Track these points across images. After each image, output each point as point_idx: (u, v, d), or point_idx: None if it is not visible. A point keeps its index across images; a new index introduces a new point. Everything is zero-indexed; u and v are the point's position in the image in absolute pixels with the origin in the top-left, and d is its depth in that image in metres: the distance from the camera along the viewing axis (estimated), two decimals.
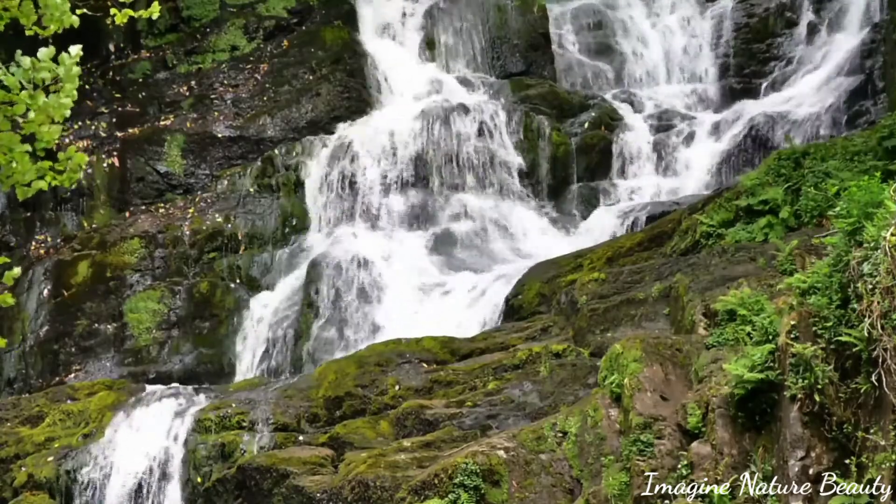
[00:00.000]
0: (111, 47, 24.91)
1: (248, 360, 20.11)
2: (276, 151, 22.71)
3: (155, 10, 9.82)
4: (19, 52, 9.06)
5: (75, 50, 9.05)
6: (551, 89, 24.13)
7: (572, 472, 13.04)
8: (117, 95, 24.20)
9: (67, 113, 9.19)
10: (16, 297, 18.84)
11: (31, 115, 9.07)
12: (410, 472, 13.53)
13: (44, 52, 8.99)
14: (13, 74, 8.90)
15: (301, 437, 15.65)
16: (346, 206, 21.95)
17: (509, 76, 24.75)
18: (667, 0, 26.81)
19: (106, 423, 16.39)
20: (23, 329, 20.62)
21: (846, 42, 23.55)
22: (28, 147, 9.29)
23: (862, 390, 10.73)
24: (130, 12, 9.78)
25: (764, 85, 24.25)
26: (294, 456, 14.87)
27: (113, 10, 9.79)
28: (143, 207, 22.53)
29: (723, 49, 25.20)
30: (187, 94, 24.14)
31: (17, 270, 10.05)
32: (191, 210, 22.07)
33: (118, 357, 20.27)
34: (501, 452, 13.07)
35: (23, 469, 16.03)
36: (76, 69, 9.06)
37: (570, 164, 22.87)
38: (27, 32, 9.45)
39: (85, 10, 9.72)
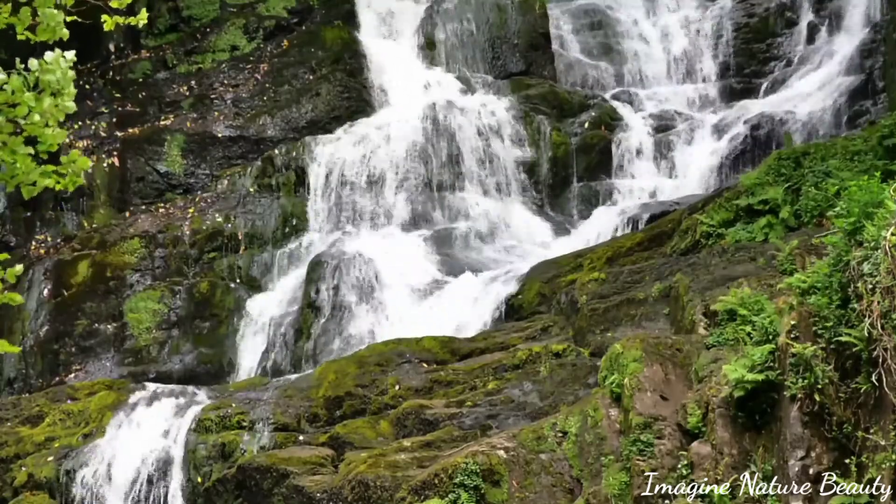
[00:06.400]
0: (111, 47, 24.90)
1: (248, 359, 20.10)
2: (276, 151, 22.70)
3: (143, 18, 9.92)
4: (20, 62, 9.07)
5: (70, 56, 9.09)
6: (551, 89, 24.14)
7: (572, 471, 13.03)
8: (117, 95, 24.19)
9: (72, 108, 9.22)
10: None
11: (36, 118, 9.06)
12: (410, 471, 13.52)
13: (50, 56, 8.99)
14: (17, 75, 8.91)
15: (301, 437, 15.64)
16: (347, 206, 21.95)
17: (509, 76, 24.75)
18: (667, 0, 26.83)
19: (106, 423, 16.39)
20: (23, 329, 20.60)
21: (846, 42, 23.56)
22: (31, 150, 9.29)
23: (862, 390, 10.73)
24: (119, 19, 9.92)
25: (764, 85, 24.26)
26: (294, 456, 14.87)
27: (104, 17, 9.89)
28: (143, 207, 22.52)
29: (723, 49, 25.21)
30: (187, 94, 24.13)
31: (19, 267, 10.07)
32: (191, 210, 22.06)
33: (118, 357, 20.26)
34: (501, 452, 13.07)
35: (23, 469, 16.02)
36: (71, 73, 9.09)
37: (570, 163, 22.87)
38: (19, 37, 9.51)
39: (76, 17, 9.78)
